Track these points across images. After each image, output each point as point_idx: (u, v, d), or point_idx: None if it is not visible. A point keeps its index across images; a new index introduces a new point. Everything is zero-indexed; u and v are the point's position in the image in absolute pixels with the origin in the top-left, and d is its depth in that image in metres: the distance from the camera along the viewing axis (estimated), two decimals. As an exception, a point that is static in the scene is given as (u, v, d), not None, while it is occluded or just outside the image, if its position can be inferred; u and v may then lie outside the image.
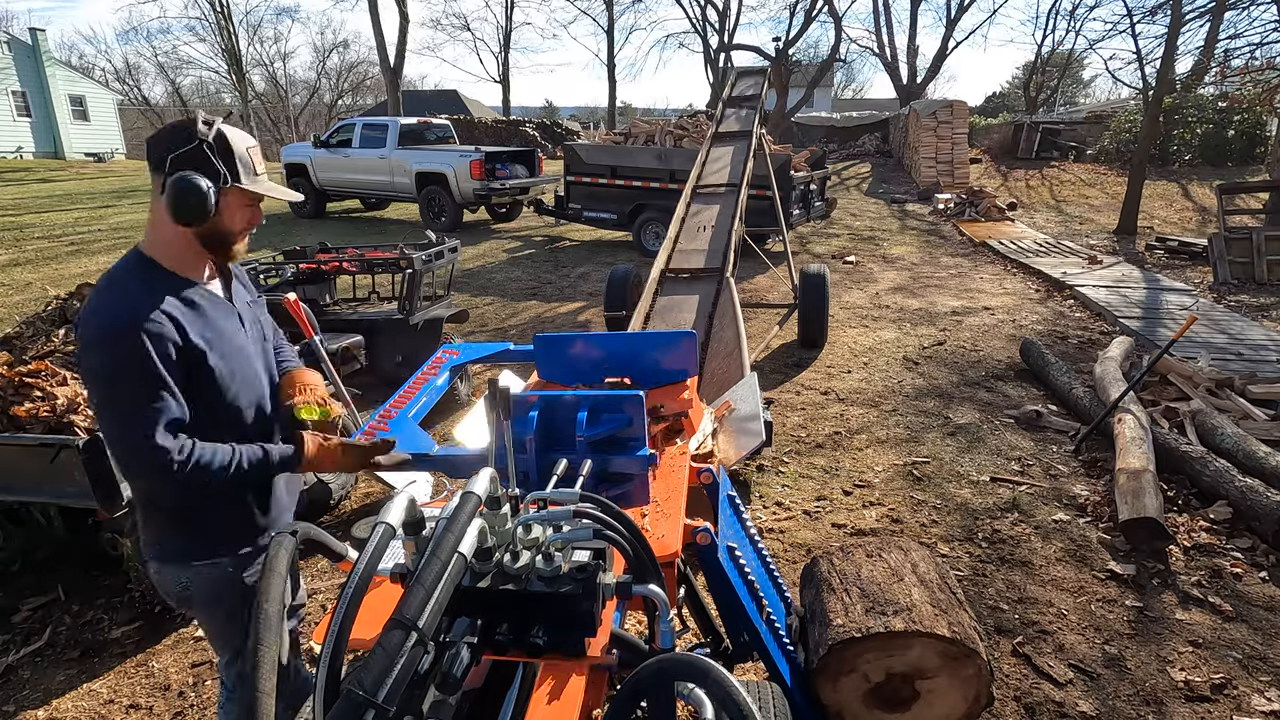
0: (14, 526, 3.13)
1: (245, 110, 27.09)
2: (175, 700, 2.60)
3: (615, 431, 1.72)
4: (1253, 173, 15.01)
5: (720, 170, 6.38)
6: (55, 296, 3.67)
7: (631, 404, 1.71)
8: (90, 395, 1.49)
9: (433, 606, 0.89)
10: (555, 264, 10.16)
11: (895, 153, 21.16)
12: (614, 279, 6.04)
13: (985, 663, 2.03)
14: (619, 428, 1.72)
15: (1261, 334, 6.48)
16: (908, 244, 11.40)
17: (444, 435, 4.78)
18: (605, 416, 1.71)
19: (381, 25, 22.04)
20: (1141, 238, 11.48)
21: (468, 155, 12.01)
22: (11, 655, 2.83)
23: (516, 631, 1.09)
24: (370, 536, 0.97)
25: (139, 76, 48.24)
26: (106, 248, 11.02)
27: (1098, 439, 4.29)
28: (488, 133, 26.74)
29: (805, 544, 3.43)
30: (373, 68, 45.25)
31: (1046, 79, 25.77)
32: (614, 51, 36.34)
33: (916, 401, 5.17)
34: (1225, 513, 3.51)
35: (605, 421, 1.71)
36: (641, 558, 1.25)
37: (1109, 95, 39.82)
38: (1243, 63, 13.08)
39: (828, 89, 43.44)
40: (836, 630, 2.02)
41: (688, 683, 1.12)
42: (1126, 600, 2.98)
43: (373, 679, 0.79)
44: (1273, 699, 2.47)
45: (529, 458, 1.68)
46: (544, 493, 1.29)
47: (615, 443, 1.73)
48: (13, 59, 25.47)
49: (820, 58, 30.63)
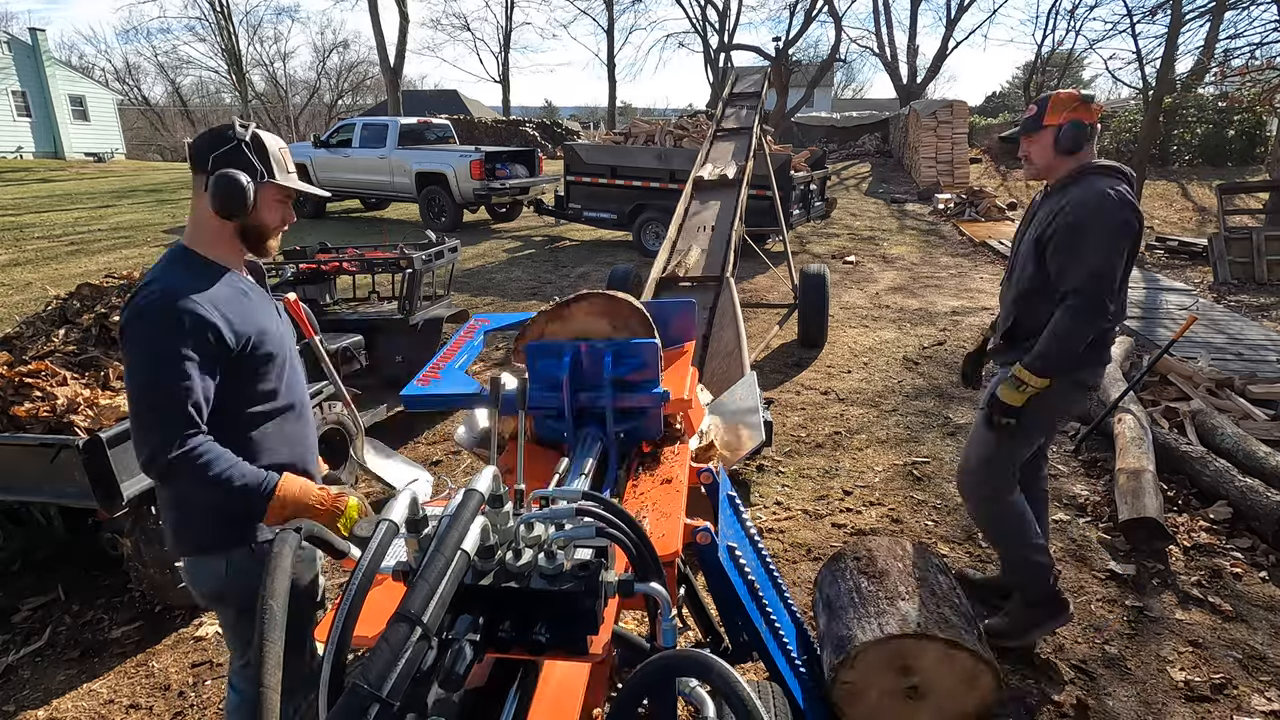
0: (14, 526, 3.13)
1: (245, 110, 27.08)
2: (175, 700, 2.60)
3: (634, 372, 1.98)
4: (1253, 173, 15.02)
5: (720, 170, 6.38)
6: (55, 296, 3.67)
7: (648, 350, 1.97)
8: (126, 372, 1.55)
9: (436, 603, 0.89)
10: (555, 264, 10.17)
11: (895, 153, 21.17)
12: (614, 279, 6.04)
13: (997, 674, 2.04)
14: (637, 369, 1.98)
15: (1261, 334, 6.48)
16: (907, 244, 11.41)
17: (446, 434, 4.79)
18: (626, 360, 1.98)
19: (381, 25, 22.09)
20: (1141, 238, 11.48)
21: (468, 155, 12.01)
22: (11, 655, 2.83)
23: (519, 629, 1.09)
24: (373, 534, 0.98)
25: (139, 76, 48.33)
26: (106, 248, 11.03)
27: (1098, 439, 4.30)
28: (488, 133, 26.75)
29: (805, 544, 3.43)
30: (373, 68, 45.30)
31: (1046, 79, 25.77)
32: (614, 51, 36.43)
33: (916, 401, 5.17)
34: (1225, 513, 3.51)
35: (626, 364, 1.98)
36: (644, 556, 1.26)
37: (1109, 95, 39.83)
38: (1243, 63, 13.10)
39: (828, 89, 43.46)
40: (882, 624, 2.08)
41: (689, 680, 1.12)
42: (1126, 600, 2.99)
43: (377, 673, 0.80)
44: (1273, 699, 2.47)
45: (562, 394, 1.96)
46: (547, 490, 1.29)
47: (633, 383, 1.98)
48: (13, 59, 25.47)
49: (820, 58, 30.66)
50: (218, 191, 1.55)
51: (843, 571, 2.41)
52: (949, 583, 2.36)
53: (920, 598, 2.18)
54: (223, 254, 1.65)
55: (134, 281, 3.54)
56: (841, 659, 2.06)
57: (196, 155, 1.59)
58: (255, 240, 1.68)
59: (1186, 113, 16.85)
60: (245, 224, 1.63)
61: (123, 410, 2.80)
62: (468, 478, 1.63)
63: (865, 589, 2.26)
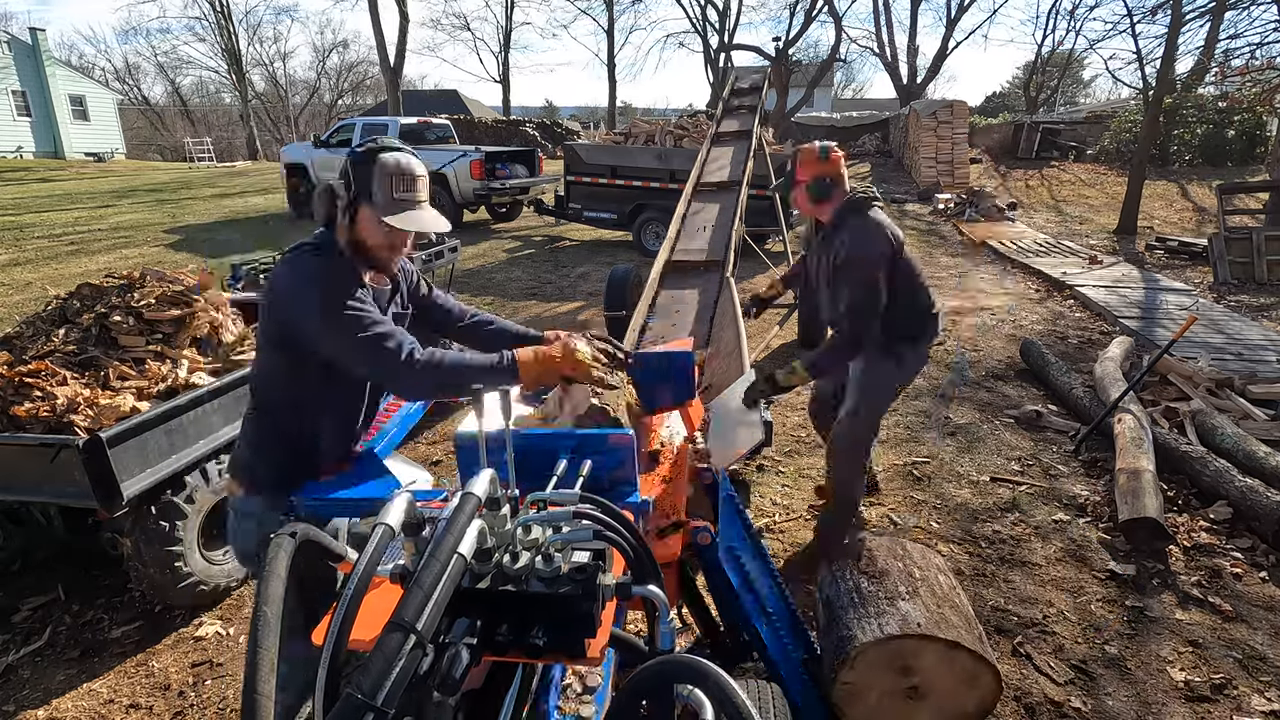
0: (14, 526, 3.13)
1: (245, 110, 27.07)
2: (175, 700, 2.60)
3: (604, 474, 1.53)
4: (1253, 173, 15.01)
5: (719, 170, 6.38)
6: (55, 296, 3.66)
7: (622, 445, 1.51)
8: (327, 333, 1.69)
9: (432, 608, 0.89)
10: (555, 264, 10.16)
11: (895, 153, 21.14)
12: (614, 279, 6.04)
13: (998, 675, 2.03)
14: (610, 469, 1.53)
15: (1261, 334, 6.48)
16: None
17: (446, 434, 4.78)
18: (594, 459, 1.49)
19: (381, 25, 22.05)
20: (1141, 238, 11.48)
21: (468, 155, 12.01)
22: (11, 655, 2.83)
23: (516, 632, 1.09)
24: (370, 537, 0.97)
25: (139, 76, 48.32)
26: (106, 248, 11.03)
27: (1098, 439, 4.29)
28: (488, 133, 26.75)
29: (805, 544, 3.43)
30: (373, 67, 45.32)
31: (1046, 79, 25.77)
32: (614, 51, 36.40)
33: (916, 401, 5.16)
34: (1225, 513, 3.50)
35: (593, 464, 1.49)
36: (641, 558, 1.25)
37: (1109, 95, 39.84)
38: (1243, 63, 13.06)
39: (828, 89, 43.44)
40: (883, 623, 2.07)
41: (687, 685, 1.12)
42: (1126, 600, 2.98)
43: (371, 682, 0.79)
44: (1273, 699, 2.47)
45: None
46: (544, 493, 1.29)
47: (603, 490, 1.52)
48: (13, 58, 25.48)
49: (820, 58, 30.66)
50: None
51: (843, 571, 2.41)
52: (949, 583, 2.36)
53: (920, 598, 2.18)
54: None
55: (135, 280, 3.54)
56: (841, 659, 2.06)
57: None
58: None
59: (1186, 113, 16.83)
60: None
61: (122, 410, 2.79)
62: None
63: (865, 589, 2.26)
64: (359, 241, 1.77)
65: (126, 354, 3.22)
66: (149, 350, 3.25)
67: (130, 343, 3.27)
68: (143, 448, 2.73)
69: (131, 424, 2.69)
